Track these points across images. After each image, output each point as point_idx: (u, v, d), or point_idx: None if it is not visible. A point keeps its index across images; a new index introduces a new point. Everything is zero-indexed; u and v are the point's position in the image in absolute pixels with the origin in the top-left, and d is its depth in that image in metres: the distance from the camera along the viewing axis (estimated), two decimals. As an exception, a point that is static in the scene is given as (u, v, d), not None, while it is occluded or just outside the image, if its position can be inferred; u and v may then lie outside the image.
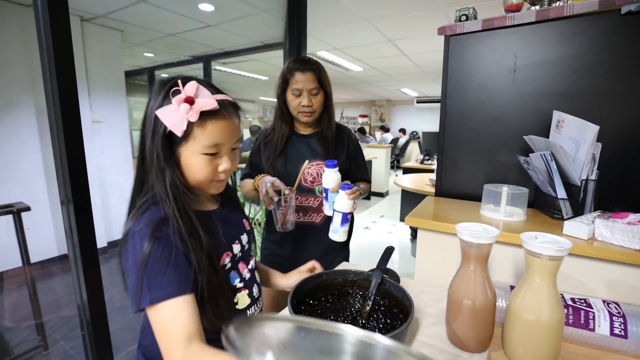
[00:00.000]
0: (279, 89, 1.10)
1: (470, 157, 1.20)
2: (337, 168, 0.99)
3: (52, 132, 0.91)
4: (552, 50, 1.02)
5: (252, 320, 0.31)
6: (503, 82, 1.11)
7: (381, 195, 5.74)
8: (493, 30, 1.11)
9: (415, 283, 0.85)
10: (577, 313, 0.64)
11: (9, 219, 1.62)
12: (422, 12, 2.74)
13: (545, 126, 1.02)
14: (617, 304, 0.64)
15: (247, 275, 0.70)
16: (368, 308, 0.67)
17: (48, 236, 2.86)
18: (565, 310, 0.65)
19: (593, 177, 0.90)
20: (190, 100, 0.54)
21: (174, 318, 0.51)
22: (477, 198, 1.11)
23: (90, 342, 1.11)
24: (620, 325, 0.61)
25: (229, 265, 0.66)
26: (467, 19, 1.17)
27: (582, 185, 0.90)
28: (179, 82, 0.55)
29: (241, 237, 0.70)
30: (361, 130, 8.46)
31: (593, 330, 0.62)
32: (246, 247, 0.72)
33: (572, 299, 0.66)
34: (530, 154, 0.99)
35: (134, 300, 0.52)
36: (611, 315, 0.62)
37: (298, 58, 1.10)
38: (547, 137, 1.00)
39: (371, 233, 3.93)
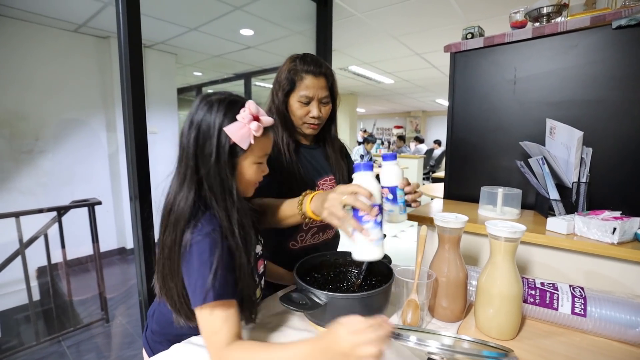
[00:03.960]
0: (281, 92, 0.91)
1: (475, 162, 1.29)
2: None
3: (126, 141, 1.18)
4: (548, 63, 1.11)
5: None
6: (504, 93, 1.21)
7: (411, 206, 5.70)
8: (494, 47, 1.21)
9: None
10: (544, 294, 0.73)
11: (84, 211, 1.98)
12: (445, 27, 2.84)
13: (543, 133, 1.09)
14: (582, 288, 0.72)
15: (261, 270, 0.76)
16: (360, 281, 0.81)
17: (110, 231, 3.31)
18: (533, 291, 0.74)
19: (584, 179, 0.97)
20: (257, 118, 0.63)
21: (226, 317, 0.56)
22: (480, 200, 1.20)
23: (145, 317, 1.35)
24: (580, 305, 0.69)
25: (253, 263, 0.73)
26: (472, 37, 1.29)
27: (573, 187, 0.97)
28: (245, 102, 0.63)
29: (259, 239, 0.77)
30: (401, 138, 8.44)
31: (557, 309, 0.71)
32: (260, 249, 0.78)
33: (542, 283, 0.75)
34: (529, 159, 1.07)
35: (201, 296, 0.55)
36: (573, 297, 0.70)
37: (308, 57, 0.91)
38: (544, 144, 1.08)
39: (399, 242, 3.96)
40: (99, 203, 2.03)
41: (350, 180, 0.99)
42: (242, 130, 0.61)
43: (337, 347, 0.48)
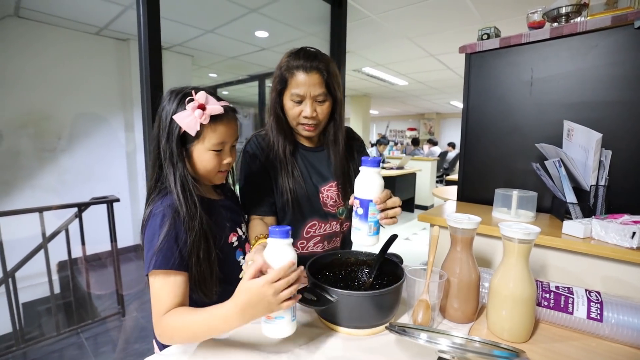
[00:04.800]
0: (274, 91, 0.86)
1: (489, 164, 1.28)
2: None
3: (145, 140, 1.22)
4: (567, 64, 1.09)
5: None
6: (520, 95, 1.19)
7: (425, 208, 5.65)
8: (511, 48, 1.20)
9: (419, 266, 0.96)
10: (558, 298, 0.72)
11: (103, 208, 2.05)
12: (461, 28, 2.80)
13: (560, 135, 1.07)
14: (598, 292, 0.70)
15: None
16: (371, 280, 0.81)
17: (127, 227, 3.41)
18: (547, 294, 0.73)
19: (603, 182, 0.95)
20: (202, 107, 0.67)
21: (165, 285, 0.63)
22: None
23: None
24: (597, 310, 0.67)
25: (236, 243, 0.80)
26: (488, 38, 1.28)
27: (591, 190, 0.95)
28: (192, 92, 0.68)
29: (242, 224, 0.85)
30: (414, 142, 8.37)
31: (572, 313, 0.70)
32: (246, 233, 0.85)
33: (557, 287, 0.74)
34: (545, 161, 1.06)
35: (147, 264, 0.63)
36: (589, 301, 0.69)
37: (301, 50, 0.85)
38: (561, 146, 1.06)
39: (411, 244, 3.92)
40: (117, 200, 2.10)
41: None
42: (189, 117, 0.66)
43: (257, 297, 0.54)
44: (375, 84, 5.70)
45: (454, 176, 4.94)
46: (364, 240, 0.69)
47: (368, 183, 0.68)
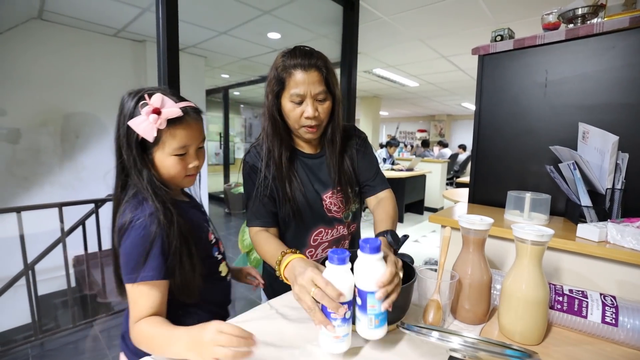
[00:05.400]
0: (270, 94, 0.82)
1: (502, 166, 1.27)
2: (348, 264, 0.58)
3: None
4: (583, 66, 1.07)
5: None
6: (534, 96, 1.18)
7: (435, 210, 5.60)
8: (525, 49, 1.19)
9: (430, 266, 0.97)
10: (572, 301, 0.71)
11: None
12: (474, 30, 2.78)
13: (575, 138, 1.06)
14: (613, 297, 0.70)
15: (223, 249, 0.84)
16: (382, 279, 0.82)
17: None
18: (560, 297, 0.72)
19: (619, 186, 0.93)
20: (157, 111, 0.63)
21: (143, 295, 0.62)
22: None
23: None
24: (612, 314, 0.67)
25: (214, 240, 0.80)
26: (502, 39, 1.27)
27: (607, 193, 0.93)
28: (146, 95, 0.64)
29: (210, 223, 0.84)
30: (424, 144, 8.31)
31: (585, 317, 0.69)
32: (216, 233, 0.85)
33: (570, 290, 0.73)
34: (559, 164, 1.05)
35: (129, 275, 0.62)
36: (604, 305, 0.68)
37: (296, 49, 0.81)
38: (576, 148, 1.04)
39: (420, 246, 3.90)
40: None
41: (358, 185, 0.96)
42: (144, 123, 0.63)
43: (200, 337, 0.52)
44: (386, 85, 5.68)
45: (465, 178, 4.88)
46: (365, 333, 0.60)
47: (366, 273, 0.58)
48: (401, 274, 0.63)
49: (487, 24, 2.64)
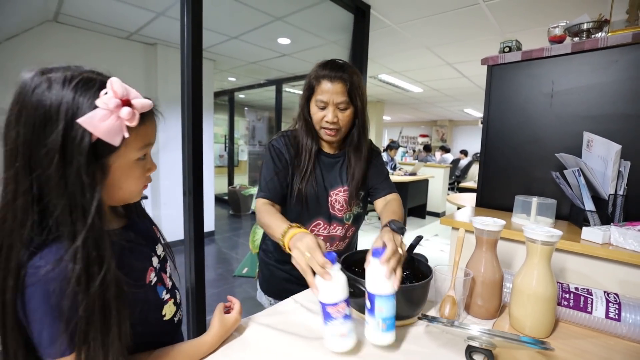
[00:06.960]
0: (302, 97, 0.96)
1: (509, 172, 1.33)
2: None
3: (183, 141, 1.31)
4: (588, 78, 1.13)
5: None
6: (541, 106, 1.24)
7: (437, 215, 5.65)
8: (532, 61, 1.25)
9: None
10: (578, 298, 0.76)
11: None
12: (480, 39, 2.85)
13: (579, 146, 1.12)
14: (616, 294, 0.75)
15: (170, 284, 0.64)
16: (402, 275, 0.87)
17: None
18: (567, 295, 0.77)
19: (621, 192, 0.99)
20: (127, 102, 0.46)
21: None
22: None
23: (192, 302, 1.45)
24: (615, 310, 0.72)
25: (154, 280, 0.60)
26: (510, 51, 1.33)
27: (609, 199, 0.99)
28: (108, 81, 0.45)
29: (156, 247, 0.64)
30: (426, 148, 8.38)
31: (590, 313, 0.74)
32: (162, 255, 0.65)
33: (576, 288, 0.79)
34: (564, 171, 1.10)
35: (53, 349, 0.43)
36: (608, 302, 0.73)
37: (329, 62, 0.93)
38: (580, 156, 1.10)
39: (422, 250, 3.94)
40: (145, 197, 2.20)
41: (365, 188, 1.03)
42: (108, 121, 0.44)
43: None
44: (390, 91, 5.76)
45: (467, 183, 4.94)
46: (373, 337, 0.63)
47: (375, 277, 0.63)
48: (401, 251, 0.70)
49: (493, 33, 2.71)
